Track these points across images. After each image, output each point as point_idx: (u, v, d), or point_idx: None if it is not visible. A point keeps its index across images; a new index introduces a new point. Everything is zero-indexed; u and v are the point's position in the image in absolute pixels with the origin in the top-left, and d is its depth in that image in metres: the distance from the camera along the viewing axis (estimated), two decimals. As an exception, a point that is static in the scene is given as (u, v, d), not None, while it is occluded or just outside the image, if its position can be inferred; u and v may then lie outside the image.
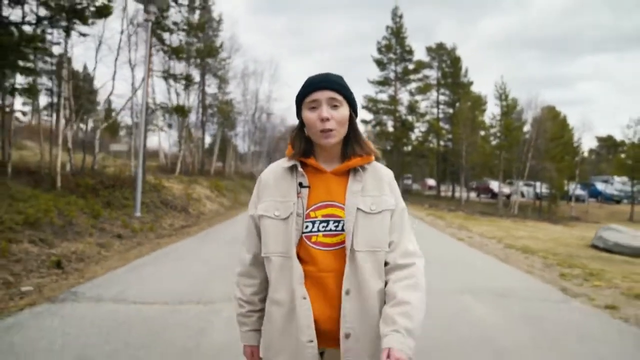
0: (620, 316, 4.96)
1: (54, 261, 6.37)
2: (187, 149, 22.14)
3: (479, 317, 4.63)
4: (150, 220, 10.87)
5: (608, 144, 62.80)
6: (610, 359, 3.69)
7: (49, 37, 10.95)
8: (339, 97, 1.37)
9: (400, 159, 33.83)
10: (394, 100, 32.96)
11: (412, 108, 33.50)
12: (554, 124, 31.51)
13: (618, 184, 38.81)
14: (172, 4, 15.35)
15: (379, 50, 33.08)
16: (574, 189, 30.98)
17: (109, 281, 5.61)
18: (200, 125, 23.59)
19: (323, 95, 1.35)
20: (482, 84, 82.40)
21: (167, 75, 16.49)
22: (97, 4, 9.45)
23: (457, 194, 34.77)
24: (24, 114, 12.46)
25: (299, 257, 1.36)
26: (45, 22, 9.01)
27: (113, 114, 20.09)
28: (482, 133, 33.66)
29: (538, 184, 28.79)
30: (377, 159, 1.50)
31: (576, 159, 31.95)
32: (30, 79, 9.56)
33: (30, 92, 9.35)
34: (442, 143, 35.83)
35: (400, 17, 32.54)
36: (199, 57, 18.22)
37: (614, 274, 7.52)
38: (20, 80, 10.17)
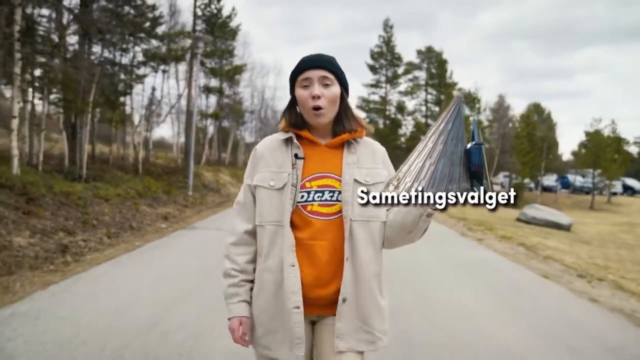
0: (480, 243, 9.39)
1: (162, 216, 10.76)
2: (207, 143, 26.47)
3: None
4: (199, 197, 15.28)
5: (594, 137, 67.36)
6: (457, 251, 8.10)
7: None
8: (331, 76, 1.41)
9: (389, 152, 38.20)
10: (384, 101, 37.47)
11: (400, 108, 37.96)
12: (526, 123, 36.00)
13: (588, 177, 42.65)
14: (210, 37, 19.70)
15: (372, 57, 37.57)
16: (540, 179, 35.24)
17: (205, 223, 10.05)
18: (218, 123, 27.95)
19: (315, 73, 1.40)
20: (481, 74, 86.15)
21: (204, 89, 21.05)
22: (178, 54, 13.81)
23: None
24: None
25: (293, 225, 1.41)
26: (143, 65, 13.38)
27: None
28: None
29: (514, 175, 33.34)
30: (368, 135, 1.56)
31: (550, 153, 36.52)
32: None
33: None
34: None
35: (391, 27, 37.09)
36: (229, 76, 22.87)
37: (506, 231, 11.94)
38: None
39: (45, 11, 10.63)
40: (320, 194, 1.41)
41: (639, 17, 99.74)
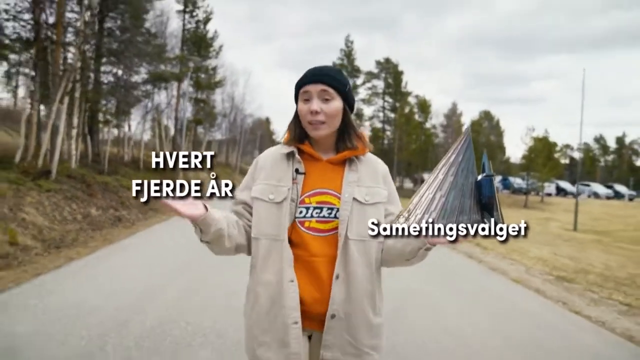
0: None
1: (168, 202, 14.06)
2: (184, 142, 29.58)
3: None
4: (188, 190, 18.58)
5: (544, 143, 73.69)
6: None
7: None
8: (331, 91, 1.38)
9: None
10: (344, 108, 41.44)
11: (358, 115, 41.97)
12: (472, 130, 40.50)
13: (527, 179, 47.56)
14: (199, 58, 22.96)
15: (334, 68, 41.40)
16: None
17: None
18: (195, 125, 31.07)
19: (315, 88, 1.37)
20: (443, 79, 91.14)
21: (190, 98, 24.32)
22: (179, 76, 16.98)
23: (397, 184, 43.62)
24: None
25: (290, 241, 1.38)
26: (146, 82, 16.52)
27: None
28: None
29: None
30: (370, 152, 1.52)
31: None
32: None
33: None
34: (385, 142, 44.44)
35: (352, 42, 41.11)
36: (211, 88, 26.34)
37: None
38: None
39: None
40: (318, 210, 1.38)
41: (597, 26, 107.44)
